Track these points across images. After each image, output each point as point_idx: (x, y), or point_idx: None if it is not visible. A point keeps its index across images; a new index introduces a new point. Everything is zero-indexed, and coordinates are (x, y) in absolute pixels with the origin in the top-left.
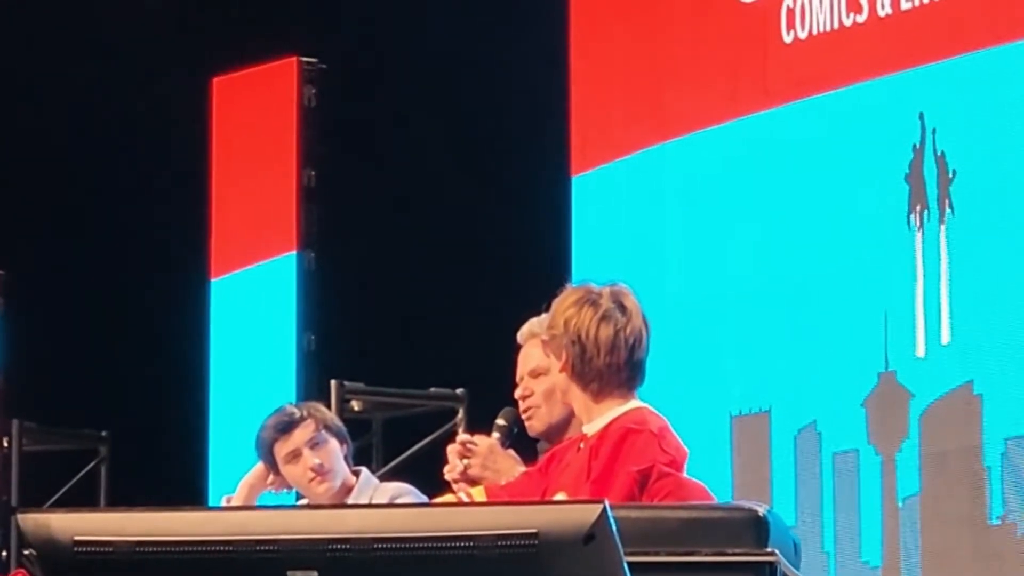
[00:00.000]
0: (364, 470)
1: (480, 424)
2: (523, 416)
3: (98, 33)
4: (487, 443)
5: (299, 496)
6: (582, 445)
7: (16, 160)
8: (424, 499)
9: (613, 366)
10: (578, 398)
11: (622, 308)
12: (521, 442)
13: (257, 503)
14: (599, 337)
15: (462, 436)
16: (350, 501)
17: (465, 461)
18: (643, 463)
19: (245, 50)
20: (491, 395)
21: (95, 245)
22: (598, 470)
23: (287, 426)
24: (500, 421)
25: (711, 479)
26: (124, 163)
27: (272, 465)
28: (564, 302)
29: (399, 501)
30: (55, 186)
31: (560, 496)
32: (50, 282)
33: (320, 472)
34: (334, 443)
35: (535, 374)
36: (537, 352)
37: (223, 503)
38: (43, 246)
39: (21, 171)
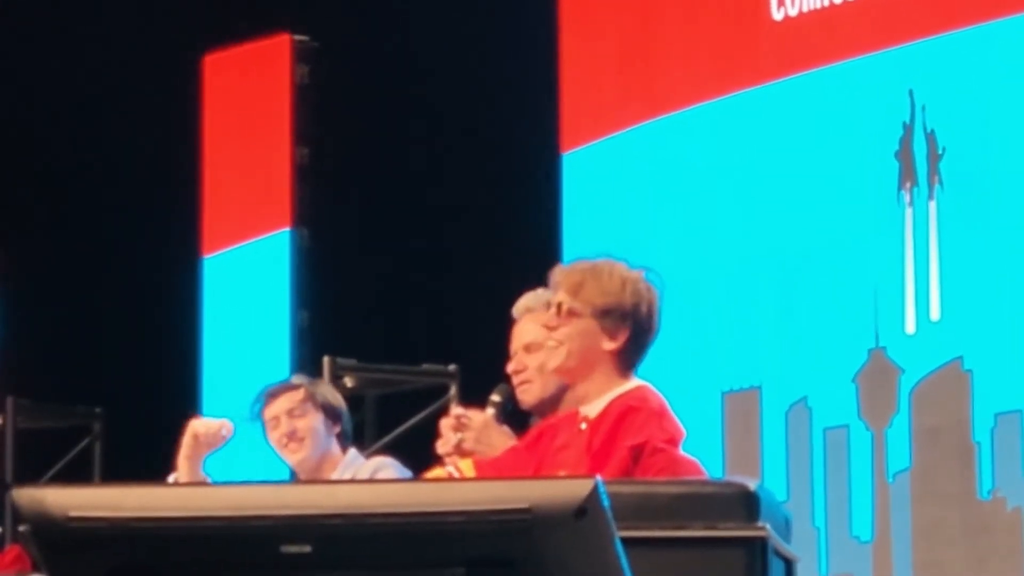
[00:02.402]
0: (352, 449)
1: (472, 400)
2: (516, 390)
3: (89, 10)
4: (482, 418)
5: (293, 475)
6: (584, 425)
7: (6, 139)
8: (406, 472)
9: (649, 346)
10: (603, 374)
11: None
12: (515, 418)
13: (203, 469)
14: (654, 319)
15: (456, 410)
16: (334, 478)
17: (459, 435)
18: (639, 439)
19: (236, 27)
20: (483, 371)
21: (87, 222)
22: (597, 445)
23: (276, 392)
24: (495, 397)
25: (702, 455)
26: (116, 141)
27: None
28: (628, 276)
29: (380, 474)
30: (46, 164)
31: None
32: (43, 259)
33: (292, 439)
34: (317, 417)
35: (529, 349)
36: (531, 327)
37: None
38: (35, 224)
39: (11, 150)
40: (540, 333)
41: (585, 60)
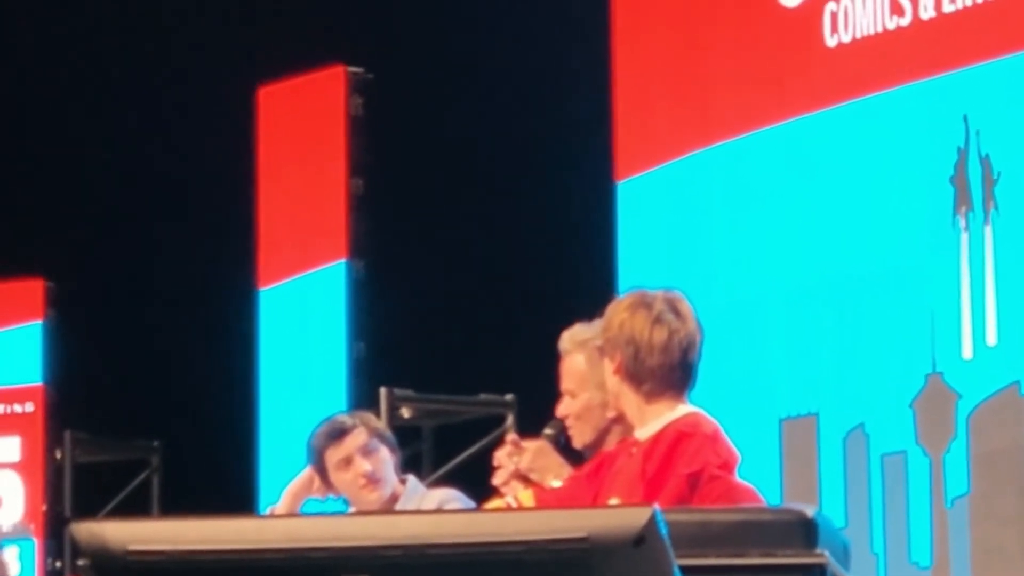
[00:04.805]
0: (411, 477)
1: (530, 429)
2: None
3: (144, 43)
4: (537, 442)
5: (346, 504)
6: (634, 450)
7: (63, 172)
8: (471, 504)
9: (666, 367)
10: (631, 401)
11: (676, 312)
12: (568, 451)
13: (300, 511)
14: (652, 338)
15: (512, 436)
16: (397, 508)
17: (515, 459)
18: (695, 466)
19: (290, 59)
20: (540, 401)
21: (143, 256)
22: (651, 472)
23: (340, 433)
24: (548, 431)
25: (760, 482)
26: (171, 173)
27: (321, 472)
28: (618, 306)
29: (447, 507)
30: (101, 197)
31: (614, 502)
32: (99, 293)
33: (371, 479)
34: (385, 451)
35: (569, 393)
36: (568, 368)
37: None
38: (91, 257)
39: (68, 183)
40: (575, 379)
41: (639, 89)
